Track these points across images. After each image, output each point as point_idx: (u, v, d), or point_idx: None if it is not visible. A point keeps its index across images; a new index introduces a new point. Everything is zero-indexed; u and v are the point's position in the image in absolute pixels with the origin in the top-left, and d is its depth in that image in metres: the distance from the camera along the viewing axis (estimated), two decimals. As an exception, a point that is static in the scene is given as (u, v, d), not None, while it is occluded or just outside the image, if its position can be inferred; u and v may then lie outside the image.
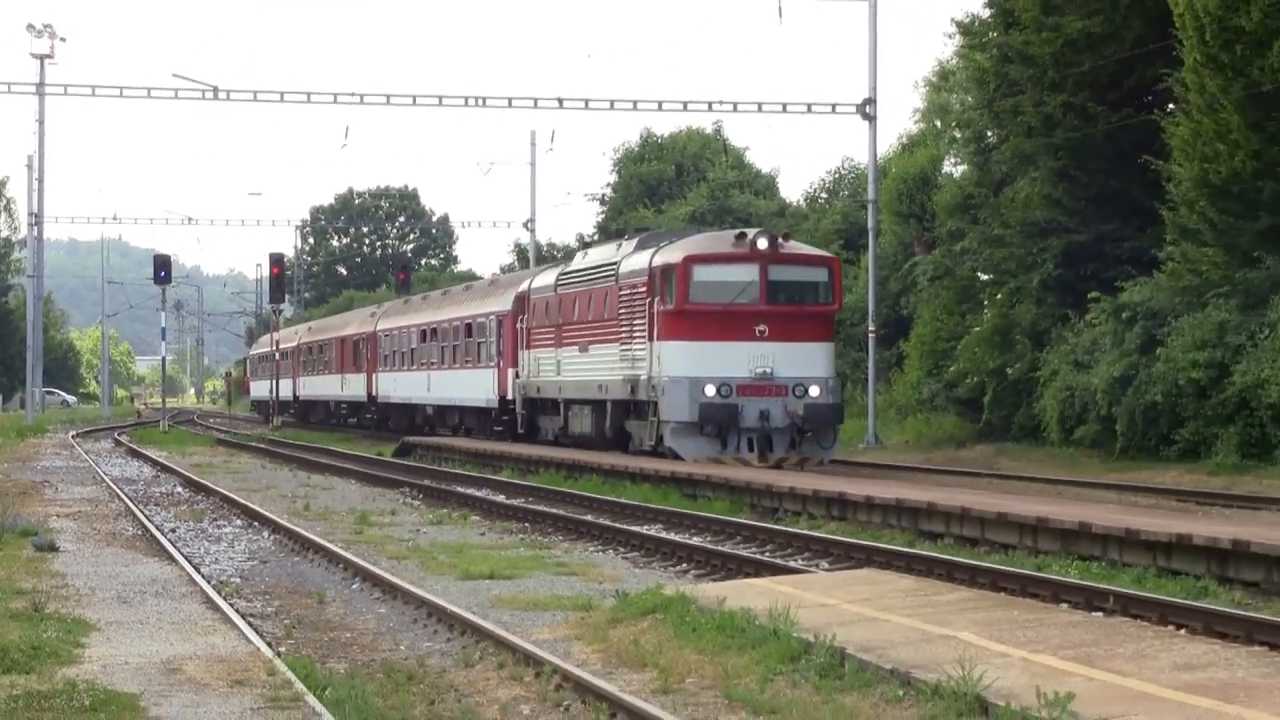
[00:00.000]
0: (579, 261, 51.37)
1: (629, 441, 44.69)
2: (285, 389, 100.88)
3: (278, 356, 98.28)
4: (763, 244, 41.10)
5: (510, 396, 55.58)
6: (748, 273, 41.22)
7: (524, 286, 54.79)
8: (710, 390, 39.76)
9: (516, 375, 54.50)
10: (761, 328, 40.53)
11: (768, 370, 40.18)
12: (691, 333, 40.99)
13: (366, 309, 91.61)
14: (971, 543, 25.53)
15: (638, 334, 42.77)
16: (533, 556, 26.98)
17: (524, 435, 54.20)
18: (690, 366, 40.39)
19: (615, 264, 45.39)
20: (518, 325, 54.13)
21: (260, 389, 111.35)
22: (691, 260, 41.01)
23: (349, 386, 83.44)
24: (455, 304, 67.04)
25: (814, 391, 40.27)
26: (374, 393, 77.81)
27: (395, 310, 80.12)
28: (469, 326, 61.60)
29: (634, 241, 47.23)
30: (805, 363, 40.82)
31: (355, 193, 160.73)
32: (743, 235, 42.02)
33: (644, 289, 42.52)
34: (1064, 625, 17.20)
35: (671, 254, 42.01)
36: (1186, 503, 32.30)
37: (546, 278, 52.68)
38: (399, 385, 73.25)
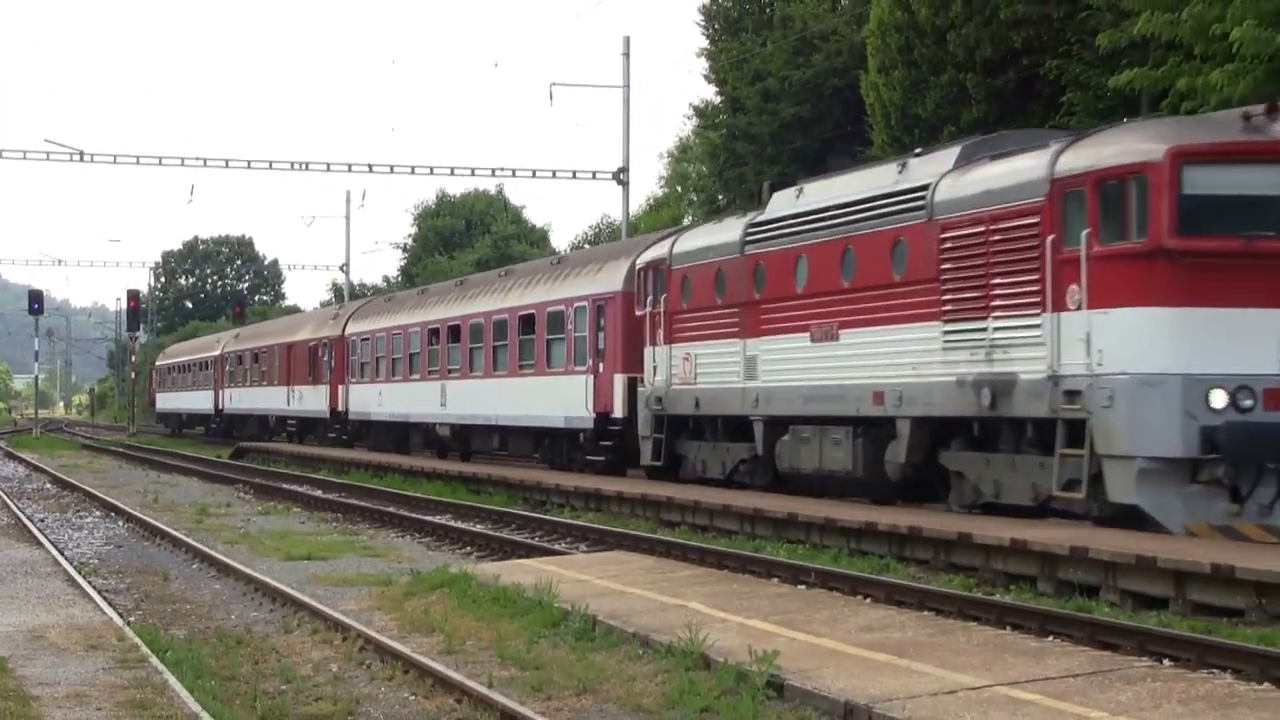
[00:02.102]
0: (791, 203, 27.39)
1: (949, 487, 23.16)
2: (202, 401, 78.87)
3: (132, 373, 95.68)
4: None
5: (619, 414, 32.84)
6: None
7: (655, 254, 31.53)
8: (1219, 400, 18.70)
9: (636, 382, 32.12)
10: None
11: None
12: (1174, 294, 19.07)
13: (326, 310, 68.50)
14: (702, 529, 25.59)
15: (1002, 301, 21.06)
16: (344, 541, 26.77)
17: (661, 470, 31.03)
18: (1178, 355, 18.92)
19: (920, 190, 23.10)
20: (640, 312, 31.60)
21: (170, 401, 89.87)
22: (1185, 155, 18.95)
23: (301, 400, 58.75)
24: (494, 293, 42.03)
25: None
26: (341, 407, 53.91)
27: (374, 310, 54.57)
28: (528, 319, 38.17)
29: (950, 152, 23.66)
30: None
31: (200, 239, 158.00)
32: (1275, 109, 19.33)
33: (1026, 221, 20.59)
34: (774, 596, 17.40)
35: (1126, 147, 19.69)
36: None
37: (712, 235, 29.82)
38: (387, 399, 49.17)
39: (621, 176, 55.88)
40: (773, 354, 26.82)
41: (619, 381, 33.09)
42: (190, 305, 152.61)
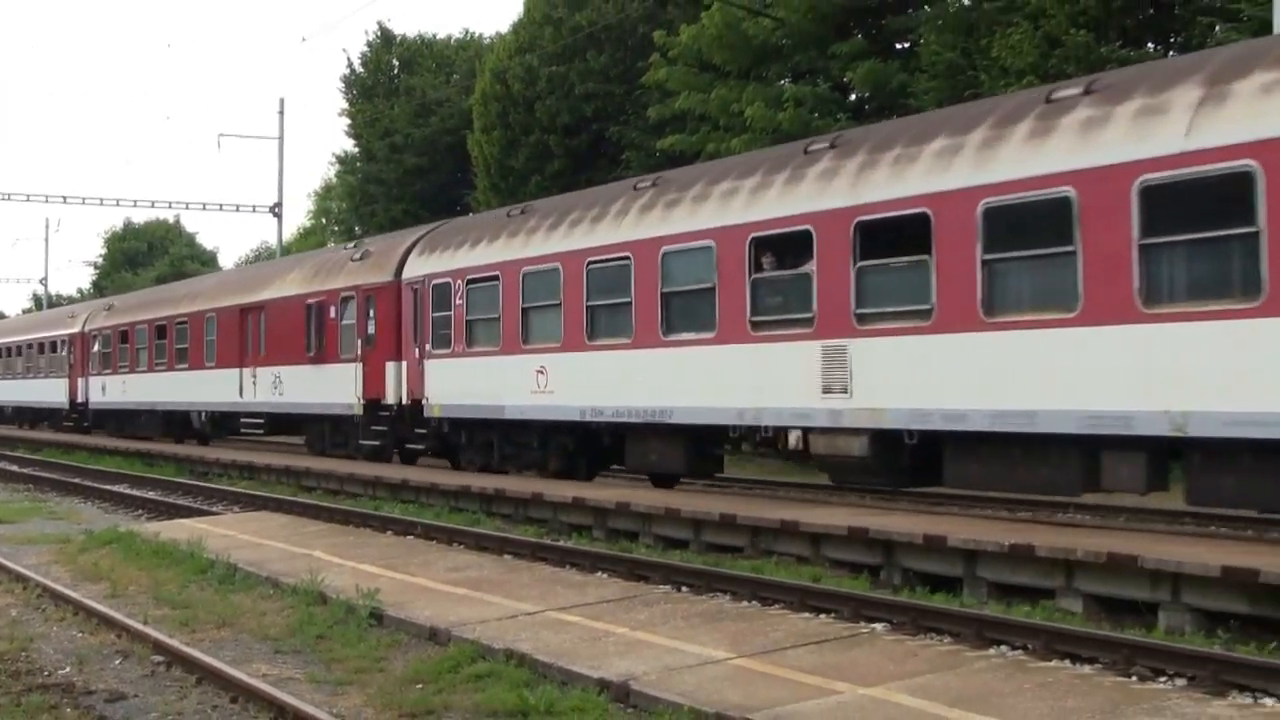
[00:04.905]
0: None
1: None
2: (46, 392, 49.39)
3: None
4: None
5: None
6: None
7: None
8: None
9: None
10: None
11: None
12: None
13: (322, 253, 35.83)
14: (334, 493, 25.27)
15: None
16: (33, 507, 25.34)
17: None
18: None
19: None
20: None
21: None
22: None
23: (281, 388, 31.02)
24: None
25: None
26: (393, 397, 26.26)
27: (481, 230, 24.75)
28: None
29: None
30: None
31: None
32: None
33: None
34: (383, 545, 17.28)
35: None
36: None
37: None
38: (565, 381, 20.86)
39: (276, 210, 55.00)
40: None
41: None
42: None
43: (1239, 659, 9.28)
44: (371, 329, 27.26)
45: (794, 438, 17.12)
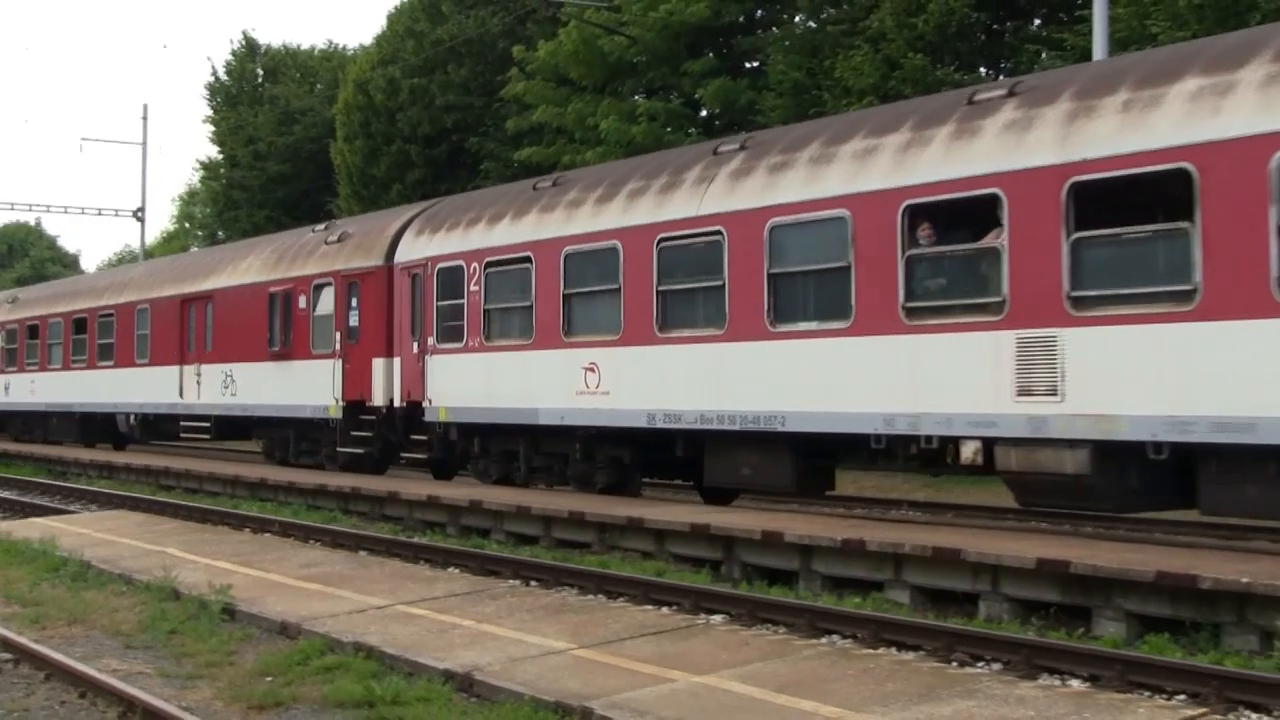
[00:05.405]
0: None
1: None
2: None
3: None
4: None
5: None
6: None
7: None
8: None
9: None
10: None
11: None
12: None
13: (299, 234, 27.03)
14: (193, 492, 24.76)
15: None
16: (-116, 507, 24.50)
17: None
18: None
19: None
20: None
21: None
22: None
23: (234, 387, 26.08)
24: None
25: None
26: (402, 398, 21.42)
27: (519, 200, 19.60)
28: None
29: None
30: None
31: None
32: None
33: None
34: (239, 542, 16.99)
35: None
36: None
37: None
38: (627, 380, 16.90)
39: (139, 214, 53.96)
40: None
41: None
42: None
43: (1049, 644, 9.57)
44: (354, 320, 22.75)
45: (970, 450, 13.08)
